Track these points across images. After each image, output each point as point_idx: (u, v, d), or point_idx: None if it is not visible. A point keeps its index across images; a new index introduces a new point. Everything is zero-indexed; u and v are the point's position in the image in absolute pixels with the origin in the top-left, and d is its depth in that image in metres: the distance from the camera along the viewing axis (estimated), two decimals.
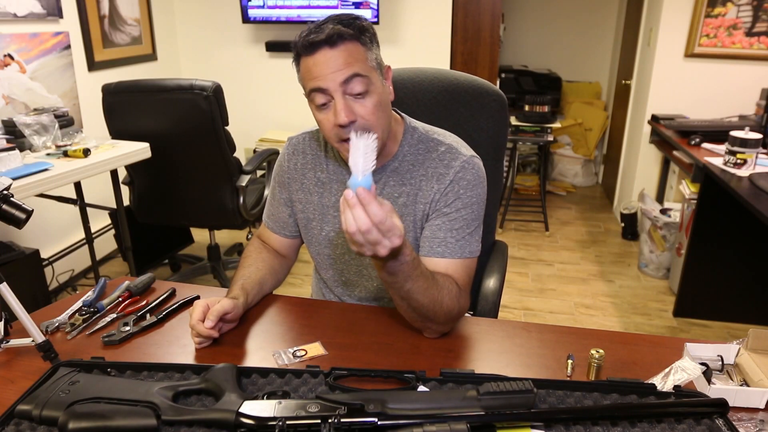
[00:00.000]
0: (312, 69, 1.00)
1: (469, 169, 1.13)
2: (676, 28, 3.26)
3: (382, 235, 0.84)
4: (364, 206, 0.82)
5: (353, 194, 0.82)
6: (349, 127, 1.00)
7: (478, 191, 1.13)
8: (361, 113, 1.01)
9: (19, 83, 2.65)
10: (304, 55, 1.01)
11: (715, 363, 0.93)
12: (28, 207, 0.97)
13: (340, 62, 0.98)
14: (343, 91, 0.99)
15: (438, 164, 1.13)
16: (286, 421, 0.77)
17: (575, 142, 4.80)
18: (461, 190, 1.12)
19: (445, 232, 1.11)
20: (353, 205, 0.82)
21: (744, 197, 2.03)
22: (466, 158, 1.13)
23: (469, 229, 1.12)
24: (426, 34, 3.64)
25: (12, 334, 1.02)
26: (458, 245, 1.11)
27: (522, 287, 3.08)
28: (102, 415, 0.79)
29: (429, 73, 1.46)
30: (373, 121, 1.02)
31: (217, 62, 3.96)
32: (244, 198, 2.67)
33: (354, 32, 1.00)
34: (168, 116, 2.49)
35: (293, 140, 1.26)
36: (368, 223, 0.82)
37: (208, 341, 1.03)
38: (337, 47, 0.98)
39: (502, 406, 0.80)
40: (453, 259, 1.10)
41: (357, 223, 0.82)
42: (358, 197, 0.82)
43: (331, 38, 0.97)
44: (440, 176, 1.12)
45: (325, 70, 0.98)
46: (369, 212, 0.82)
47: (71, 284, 3.02)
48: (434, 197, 1.13)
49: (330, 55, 0.98)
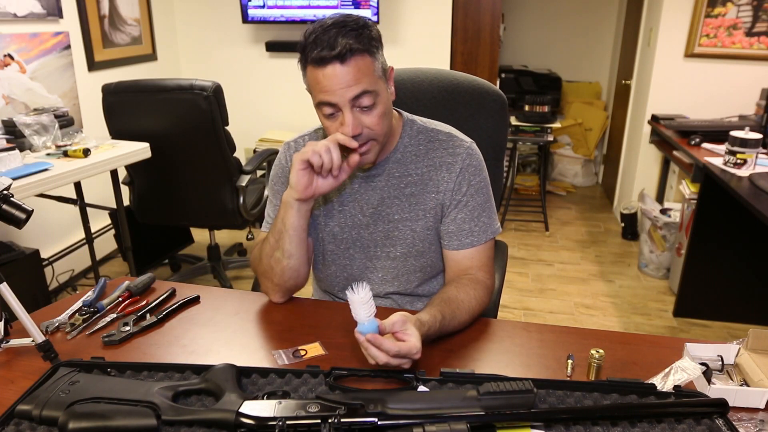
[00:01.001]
0: (321, 81, 1.02)
1: (473, 155, 1.19)
2: (676, 28, 3.26)
3: (401, 359, 0.91)
4: (377, 347, 0.90)
5: (363, 339, 0.91)
6: (357, 137, 1.05)
7: (484, 174, 1.21)
8: (367, 124, 1.06)
9: (19, 83, 2.65)
10: (312, 66, 1.02)
11: (715, 363, 0.93)
12: (28, 207, 0.97)
13: (350, 79, 1.00)
14: (352, 105, 1.03)
15: (443, 153, 1.18)
16: (286, 421, 0.77)
17: (575, 142, 4.80)
18: (471, 177, 1.18)
19: (470, 224, 1.17)
20: (367, 347, 0.91)
21: (744, 197, 2.03)
22: (468, 144, 1.19)
23: (486, 212, 1.19)
24: (426, 34, 3.64)
25: (12, 334, 1.02)
26: (482, 231, 1.18)
27: (522, 287, 3.08)
28: (102, 415, 0.79)
29: (429, 74, 1.46)
30: (378, 130, 1.07)
31: (217, 62, 3.96)
32: (244, 198, 2.67)
33: (363, 46, 1.01)
34: (168, 116, 2.49)
35: (291, 143, 1.26)
36: (386, 358, 0.90)
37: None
38: (347, 63, 1.00)
39: (502, 406, 0.80)
40: (478, 246, 1.18)
41: (377, 360, 0.90)
42: (369, 342, 0.90)
43: (342, 55, 0.99)
44: (449, 165, 1.17)
45: (334, 86, 1.01)
46: (384, 349, 0.89)
47: (71, 284, 3.02)
48: (448, 186, 1.18)
49: (340, 70, 1.00)
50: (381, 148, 1.12)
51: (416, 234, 1.19)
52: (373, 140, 1.08)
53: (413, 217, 1.18)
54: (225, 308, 1.17)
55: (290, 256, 1.15)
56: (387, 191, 1.19)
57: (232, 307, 1.18)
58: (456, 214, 1.18)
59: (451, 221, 1.18)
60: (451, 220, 1.18)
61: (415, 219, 1.18)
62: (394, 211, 1.19)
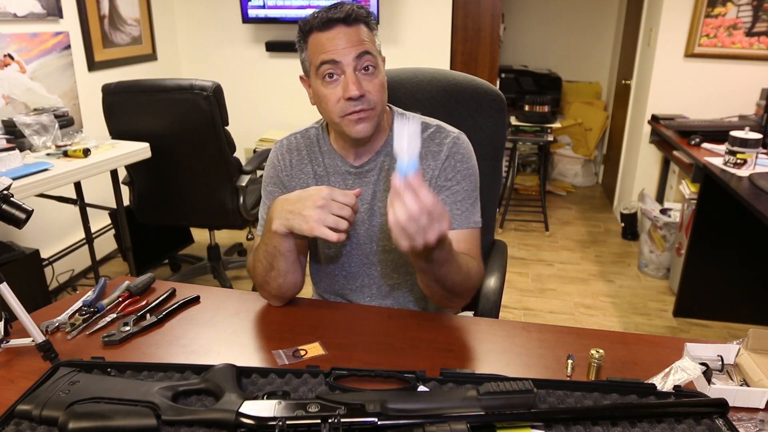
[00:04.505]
0: (326, 43, 1.05)
1: (460, 144, 1.19)
2: (676, 28, 3.26)
3: (433, 220, 0.82)
4: (415, 192, 0.80)
5: (403, 179, 0.80)
6: (357, 101, 1.05)
7: (472, 163, 1.20)
8: (369, 89, 1.07)
9: (19, 83, 2.65)
10: (318, 31, 1.06)
11: (715, 363, 0.93)
12: (28, 207, 0.97)
13: (355, 39, 1.05)
14: (355, 66, 1.05)
15: (430, 143, 1.19)
16: (286, 421, 0.77)
17: (575, 142, 4.80)
18: (458, 164, 1.17)
19: (451, 206, 1.16)
20: (404, 191, 0.80)
21: (744, 197, 2.03)
22: (455, 135, 1.20)
23: (470, 200, 1.18)
24: (426, 33, 3.64)
25: (12, 334, 1.02)
26: (464, 216, 1.16)
27: (522, 287, 3.08)
28: (102, 415, 0.79)
29: (428, 73, 1.46)
30: (379, 99, 1.09)
31: (217, 62, 3.96)
32: (244, 198, 2.67)
33: (366, 15, 1.08)
34: (168, 116, 2.49)
35: (282, 141, 1.27)
36: (420, 209, 0.80)
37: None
38: (352, 26, 1.06)
39: (502, 406, 0.80)
40: (462, 230, 1.16)
41: (410, 210, 0.80)
42: (409, 183, 0.80)
43: (348, 17, 1.05)
44: (434, 154, 1.18)
45: (339, 45, 1.04)
46: (421, 197, 0.80)
47: (71, 284, 3.02)
48: (433, 174, 1.17)
49: (345, 31, 1.05)
50: (377, 123, 1.12)
51: None
52: (371, 109, 1.08)
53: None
54: (225, 308, 1.17)
55: (286, 274, 1.12)
56: (379, 185, 1.19)
57: (232, 307, 1.18)
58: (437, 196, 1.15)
59: None
60: None
61: None
62: (385, 204, 1.18)
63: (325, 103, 1.09)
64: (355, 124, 1.08)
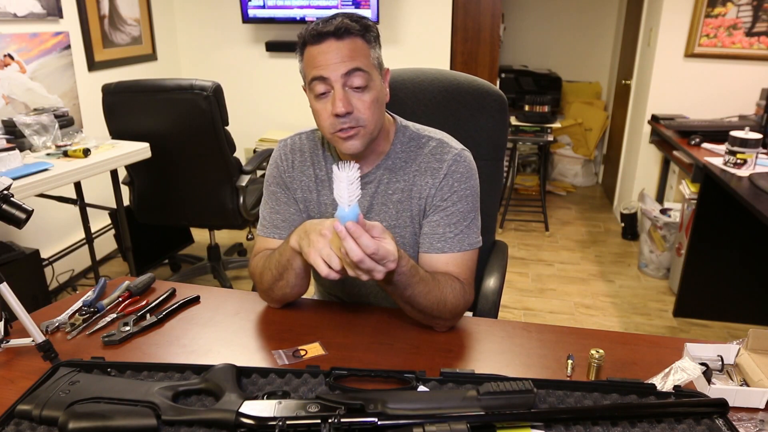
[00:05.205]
0: (316, 57, 1.03)
1: (461, 162, 1.15)
2: (676, 28, 3.26)
3: (376, 263, 0.87)
4: (355, 239, 0.85)
5: (342, 227, 0.85)
6: (345, 117, 1.03)
7: (471, 183, 1.16)
8: (358, 106, 1.04)
9: (19, 83, 2.65)
10: (311, 44, 1.04)
11: (715, 363, 0.93)
12: (28, 207, 0.97)
13: (344, 54, 1.02)
14: (344, 82, 1.03)
15: (430, 159, 1.16)
16: (286, 421, 0.77)
17: (575, 142, 4.80)
18: (455, 183, 1.14)
19: (444, 228, 1.13)
20: (344, 237, 0.85)
21: (744, 197, 2.03)
22: (457, 152, 1.16)
23: (466, 221, 1.14)
24: (426, 33, 3.64)
25: (12, 334, 1.02)
26: (457, 239, 1.13)
27: (522, 287, 3.08)
28: (102, 415, 0.79)
29: (429, 74, 1.46)
30: (368, 116, 1.05)
31: (217, 62, 3.96)
32: (244, 198, 2.67)
33: (360, 28, 1.04)
34: (168, 116, 2.49)
35: (287, 140, 1.25)
36: (361, 255, 0.85)
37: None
38: (343, 40, 1.02)
39: (502, 406, 0.80)
40: (453, 254, 1.13)
41: (350, 255, 0.85)
42: (347, 231, 0.85)
43: (338, 30, 1.02)
44: (434, 171, 1.15)
45: (329, 60, 1.02)
46: (361, 245, 0.85)
47: (71, 284, 3.02)
48: (429, 192, 1.15)
49: (335, 46, 1.02)
50: (369, 139, 1.09)
51: (405, 240, 1.17)
52: (361, 126, 1.05)
53: (401, 224, 1.17)
54: (225, 308, 1.17)
55: (293, 286, 1.12)
56: (377, 198, 1.17)
57: (232, 307, 1.18)
58: (432, 217, 1.14)
59: (426, 223, 1.15)
60: (426, 222, 1.15)
61: (403, 226, 1.17)
62: (382, 218, 1.17)
63: (318, 117, 1.08)
64: (344, 141, 1.06)
